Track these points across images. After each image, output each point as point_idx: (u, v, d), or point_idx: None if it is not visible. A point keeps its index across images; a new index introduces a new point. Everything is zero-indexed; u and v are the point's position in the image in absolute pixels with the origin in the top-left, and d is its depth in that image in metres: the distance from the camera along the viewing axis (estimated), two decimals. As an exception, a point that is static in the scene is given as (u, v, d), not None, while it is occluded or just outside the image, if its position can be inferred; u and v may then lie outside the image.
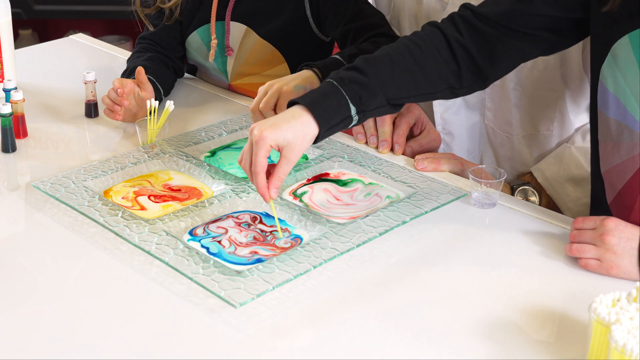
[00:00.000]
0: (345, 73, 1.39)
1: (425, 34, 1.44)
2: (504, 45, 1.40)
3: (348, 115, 1.37)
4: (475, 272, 1.32)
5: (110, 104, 1.74)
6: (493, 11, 1.40)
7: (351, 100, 1.37)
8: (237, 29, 1.90)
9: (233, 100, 1.94)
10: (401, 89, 1.40)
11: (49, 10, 3.54)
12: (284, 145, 1.33)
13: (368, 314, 1.23)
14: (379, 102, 1.39)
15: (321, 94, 1.37)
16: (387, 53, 1.42)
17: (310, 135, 1.35)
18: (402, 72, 1.40)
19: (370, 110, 1.39)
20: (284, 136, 1.32)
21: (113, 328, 1.20)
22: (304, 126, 1.34)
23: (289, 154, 1.33)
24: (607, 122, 1.35)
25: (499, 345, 1.16)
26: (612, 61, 1.31)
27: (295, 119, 1.34)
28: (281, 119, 1.34)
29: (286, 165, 1.34)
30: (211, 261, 1.30)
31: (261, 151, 1.32)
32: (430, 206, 1.47)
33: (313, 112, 1.34)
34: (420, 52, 1.41)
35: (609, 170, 1.38)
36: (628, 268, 1.28)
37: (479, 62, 1.41)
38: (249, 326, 1.20)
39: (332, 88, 1.37)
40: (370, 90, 1.38)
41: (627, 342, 1.03)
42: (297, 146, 1.34)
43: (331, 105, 1.36)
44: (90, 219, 1.43)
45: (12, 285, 1.30)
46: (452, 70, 1.42)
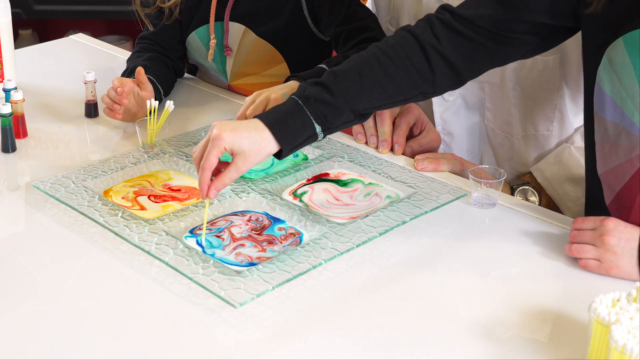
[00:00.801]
0: (311, 90, 1.37)
1: (396, 42, 1.40)
2: (485, 48, 1.38)
3: (313, 134, 1.37)
4: (475, 272, 1.32)
5: (110, 103, 1.74)
6: (475, 14, 1.37)
7: (316, 120, 1.36)
8: (236, 29, 1.90)
9: (233, 100, 1.94)
10: (371, 101, 1.39)
11: (49, 10, 3.55)
12: (238, 152, 1.32)
13: (368, 314, 1.23)
14: (346, 119, 1.38)
15: (285, 113, 1.36)
16: (355, 66, 1.39)
17: (267, 151, 1.34)
18: (371, 85, 1.38)
19: (336, 127, 1.39)
20: (240, 143, 1.32)
21: (113, 328, 1.20)
22: (263, 141, 1.33)
23: (240, 162, 1.33)
24: (605, 124, 1.34)
25: (499, 345, 1.16)
26: (607, 64, 1.31)
27: (256, 132, 1.33)
28: (244, 126, 1.34)
29: (235, 172, 1.33)
30: (211, 261, 1.30)
31: (214, 150, 1.32)
32: (430, 206, 1.47)
33: (274, 132, 1.33)
34: (390, 62, 1.39)
35: (606, 172, 1.37)
36: (628, 268, 1.28)
37: (457, 66, 1.39)
38: (249, 326, 1.20)
39: (296, 107, 1.36)
40: (336, 108, 1.37)
41: (627, 342, 1.03)
42: (251, 157, 1.33)
43: (295, 125, 1.35)
44: (90, 219, 1.43)
45: (12, 285, 1.30)
46: (426, 77, 1.39)
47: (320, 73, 1.70)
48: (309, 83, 1.39)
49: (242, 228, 1.41)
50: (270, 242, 1.37)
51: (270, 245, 1.37)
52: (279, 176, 1.56)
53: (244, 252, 1.35)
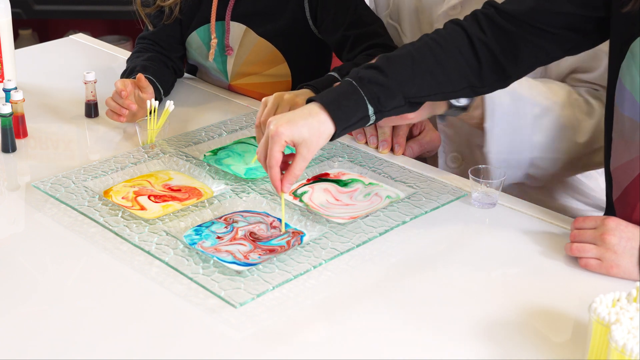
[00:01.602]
0: (364, 72, 1.39)
1: (447, 32, 1.43)
2: (527, 43, 1.40)
3: (365, 115, 1.38)
4: (475, 272, 1.32)
5: (118, 107, 1.73)
6: (517, 9, 1.40)
7: (369, 100, 1.37)
8: (237, 28, 1.90)
9: (233, 100, 1.94)
10: (422, 88, 1.40)
11: (49, 10, 3.54)
12: (300, 142, 1.34)
13: (368, 314, 1.23)
14: (398, 102, 1.39)
15: (340, 93, 1.37)
16: (408, 52, 1.42)
17: (327, 133, 1.35)
18: (423, 71, 1.40)
19: (388, 110, 1.40)
20: (300, 133, 1.33)
21: (113, 328, 1.20)
22: (321, 124, 1.34)
23: (304, 151, 1.34)
24: (622, 120, 1.35)
25: (499, 345, 1.16)
26: (630, 59, 1.31)
27: (312, 117, 1.35)
28: (298, 115, 1.35)
29: (302, 162, 1.35)
30: (211, 261, 1.30)
31: (276, 146, 1.33)
32: (430, 206, 1.47)
33: (330, 111, 1.35)
34: (441, 50, 1.41)
35: (617, 168, 1.37)
36: (628, 267, 1.28)
37: (501, 60, 1.41)
38: (249, 326, 1.20)
39: (350, 87, 1.37)
40: (389, 90, 1.38)
41: (627, 342, 1.03)
42: (313, 144, 1.34)
43: (349, 105, 1.36)
44: (90, 219, 1.43)
45: (12, 285, 1.30)
46: (474, 69, 1.41)
47: (330, 81, 1.70)
48: (361, 67, 1.41)
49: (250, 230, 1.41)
50: (270, 251, 1.37)
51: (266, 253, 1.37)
52: (279, 176, 1.56)
53: (234, 250, 1.35)
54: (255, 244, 1.37)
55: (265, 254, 1.34)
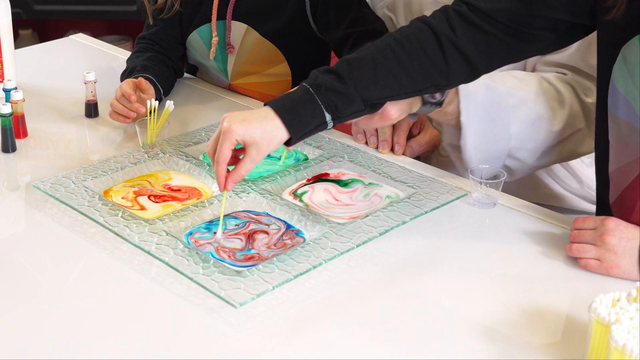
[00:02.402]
0: (322, 78, 1.36)
1: (411, 32, 1.40)
2: (501, 42, 1.37)
3: (322, 122, 1.36)
4: (475, 272, 1.32)
5: (126, 110, 1.73)
6: (493, 7, 1.37)
7: (326, 108, 1.35)
8: (238, 27, 1.90)
9: (233, 100, 1.94)
10: (383, 90, 1.38)
11: (49, 10, 3.54)
12: (250, 143, 1.32)
13: (368, 314, 1.23)
14: (357, 108, 1.37)
15: (295, 100, 1.35)
16: (370, 54, 1.39)
17: (279, 139, 1.34)
18: (385, 74, 1.37)
19: (347, 116, 1.38)
20: (252, 134, 1.32)
21: (113, 328, 1.20)
22: (274, 129, 1.33)
23: (253, 152, 1.33)
24: (618, 123, 1.34)
25: (498, 345, 1.16)
26: (622, 62, 1.30)
27: (266, 120, 1.33)
28: (253, 116, 1.34)
29: (249, 163, 1.34)
30: (211, 261, 1.30)
31: (226, 143, 1.32)
32: (430, 206, 1.47)
33: (284, 120, 1.33)
34: (404, 52, 1.38)
35: (615, 171, 1.37)
36: (628, 268, 1.28)
37: (472, 59, 1.38)
38: (249, 326, 1.20)
39: (307, 95, 1.35)
40: (347, 97, 1.36)
41: (627, 342, 1.03)
42: (263, 147, 1.33)
43: (306, 113, 1.34)
44: (90, 219, 1.43)
45: (12, 285, 1.30)
46: (440, 69, 1.38)
47: None
48: (320, 71, 1.38)
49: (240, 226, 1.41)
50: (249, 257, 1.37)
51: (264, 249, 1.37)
52: (279, 176, 1.56)
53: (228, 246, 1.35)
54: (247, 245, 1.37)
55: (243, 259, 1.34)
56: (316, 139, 1.69)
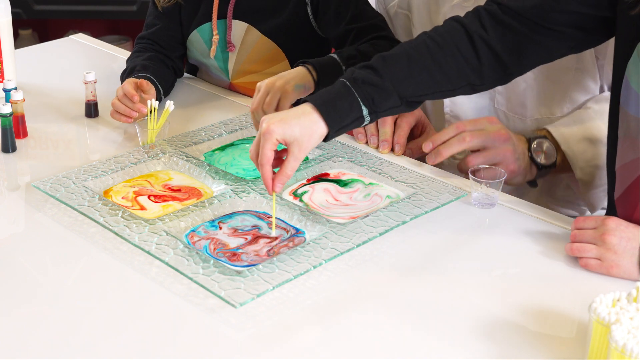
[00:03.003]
0: (359, 72, 1.38)
1: (445, 30, 1.42)
2: (531, 41, 1.39)
3: (360, 116, 1.37)
4: (475, 272, 1.32)
5: (128, 110, 1.73)
6: (521, 6, 1.39)
7: (363, 101, 1.36)
8: (238, 26, 1.90)
9: (233, 100, 1.94)
10: (419, 87, 1.39)
11: (49, 10, 3.54)
12: (291, 141, 1.33)
13: (368, 314, 1.23)
14: (393, 103, 1.39)
15: (333, 94, 1.37)
16: (404, 51, 1.41)
17: (319, 133, 1.35)
18: (419, 70, 1.39)
19: (383, 110, 1.39)
20: (292, 132, 1.33)
21: (113, 328, 1.20)
22: (313, 124, 1.34)
23: (295, 150, 1.34)
24: (627, 119, 1.34)
25: (499, 345, 1.16)
26: (637, 58, 1.31)
27: (304, 116, 1.34)
28: (291, 114, 1.35)
29: (293, 161, 1.35)
30: (211, 261, 1.30)
31: (267, 144, 1.33)
32: (430, 206, 1.47)
33: (322, 112, 1.34)
34: (439, 49, 1.40)
35: (621, 166, 1.37)
36: (628, 268, 1.28)
37: (503, 58, 1.40)
38: (249, 326, 1.20)
39: (344, 88, 1.37)
40: (383, 91, 1.37)
41: (627, 342, 1.03)
42: (304, 143, 1.34)
43: (343, 106, 1.36)
44: (90, 219, 1.43)
45: (12, 285, 1.30)
46: (473, 67, 1.40)
47: (330, 62, 1.71)
48: (356, 67, 1.40)
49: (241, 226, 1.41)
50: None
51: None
52: (279, 176, 1.56)
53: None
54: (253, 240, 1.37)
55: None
56: (316, 139, 1.69)
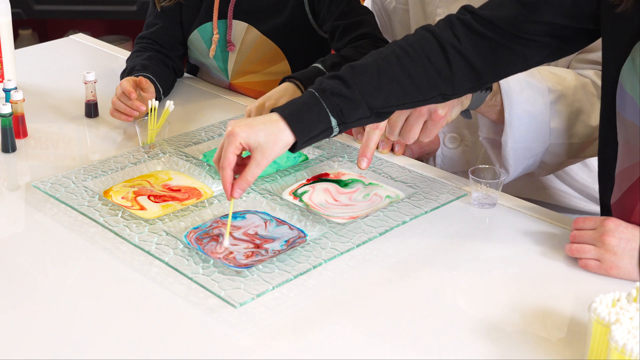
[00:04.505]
0: (328, 83, 1.35)
1: (416, 40, 1.39)
2: (505, 50, 1.37)
3: (328, 127, 1.34)
4: (475, 272, 1.32)
5: (128, 109, 1.73)
6: (496, 15, 1.36)
7: (332, 112, 1.33)
8: (239, 26, 1.90)
9: (233, 100, 1.94)
10: (388, 98, 1.36)
11: (49, 10, 3.54)
12: (255, 147, 1.31)
13: (368, 314, 1.23)
14: (362, 114, 1.35)
15: (301, 105, 1.34)
16: (374, 61, 1.37)
17: (284, 142, 1.31)
18: (389, 81, 1.36)
19: (352, 121, 1.36)
20: (256, 137, 1.30)
21: (113, 328, 1.20)
22: (279, 132, 1.31)
23: (258, 156, 1.31)
24: (625, 125, 1.33)
25: (499, 345, 1.16)
26: (630, 64, 1.30)
27: (271, 123, 1.31)
28: (258, 120, 1.32)
29: (255, 168, 1.31)
30: (211, 261, 1.30)
31: (230, 147, 1.30)
32: (430, 206, 1.47)
33: (290, 123, 1.31)
34: (409, 59, 1.37)
35: (620, 172, 1.37)
36: (628, 269, 1.28)
37: (477, 67, 1.37)
38: (249, 326, 1.20)
39: (313, 99, 1.34)
40: (352, 102, 1.34)
41: (627, 342, 1.03)
42: (268, 150, 1.30)
43: (311, 117, 1.33)
44: (90, 219, 1.43)
45: (12, 285, 1.30)
46: (445, 77, 1.37)
47: (315, 73, 1.71)
48: (325, 77, 1.37)
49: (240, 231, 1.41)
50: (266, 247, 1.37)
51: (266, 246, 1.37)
52: (279, 176, 1.56)
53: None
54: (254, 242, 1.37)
55: None
56: (316, 139, 1.69)
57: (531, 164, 1.62)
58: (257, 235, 1.39)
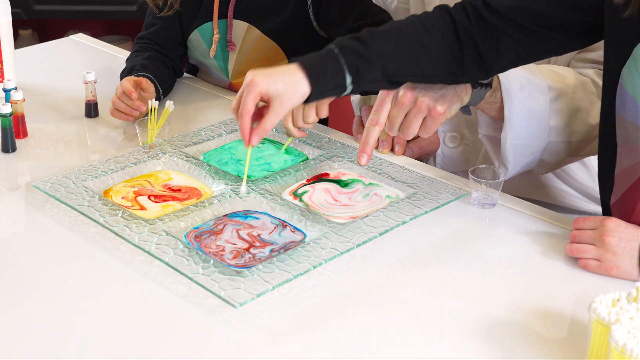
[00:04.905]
0: (347, 42, 1.39)
1: (433, 16, 1.43)
2: (508, 38, 1.39)
3: (342, 84, 1.37)
4: (475, 272, 1.32)
5: (128, 109, 1.73)
6: (501, 4, 1.39)
7: (348, 69, 1.36)
8: (239, 26, 1.90)
9: (233, 100, 1.93)
10: (402, 66, 1.39)
11: (49, 10, 3.54)
12: (274, 96, 1.33)
13: (368, 314, 1.23)
14: (376, 77, 1.38)
15: (320, 58, 1.37)
16: (394, 29, 1.41)
17: (301, 92, 1.34)
18: (405, 50, 1.39)
19: (366, 82, 1.39)
20: (275, 87, 1.33)
21: (113, 328, 1.20)
22: (297, 82, 1.34)
23: (277, 106, 1.33)
24: (626, 126, 1.33)
25: (499, 345, 1.16)
26: (632, 63, 1.30)
27: (289, 74, 1.35)
28: (277, 70, 1.35)
29: (273, 116, 1.34)
30: (211, 261, 1.30)
31: (250, 95, 1.33)
32: (430, 206, 1.47)
33: (308, 73, 1.34)
34: (426, 33, 1.40)
35: (620, 172, 1.37)
36: (628, 268, 1.28)
37: (483, 52, 1.40)
38: (249, 326, 1.20)
39: (331, 54, 1.37)
40: (369, 63, 1.37)
41: (627, 342, 1.03)
42: (286, 99, 1.33)
43: (328, 70, 1.36)
44: (90, 219, 1.43)
45: (12, 285, 1.30)
46: (455, 55, 1.40)
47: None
48: (345, 37, 1.40)
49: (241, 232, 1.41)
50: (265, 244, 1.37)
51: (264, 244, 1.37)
52: (279, 176, 1.56)
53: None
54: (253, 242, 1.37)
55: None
56: (316, 139, 1.69)
57: (530, 162, 1.63)
58: (258, 238, 1.39)
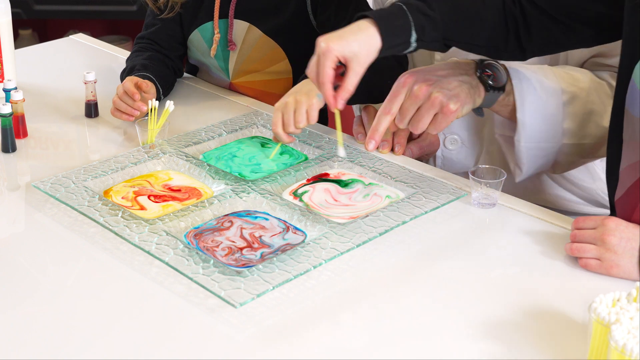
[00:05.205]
0: (414, 2, 1.42)
1: None
2: (539, 25, 1.44)
3: (407, 40, 1.40)
4: (475, 272, 1.32)
5: (129, 109, 1.74)
6: None
7: (415, 26, 1.40)
8: (240, 26, 1.90)
9: (233, 100, 1.94)
10: (459, 32, 1.44)
11: (49, 10, 3.54)
12: (351, 58, 1.36)
13: (368, 314, 1.23)
14: (437, 37, 1.43)
15: (389, 12, 1.40)
16: None
17: (375, 48, 1.37)
18: (463, 15, 1.44)
19: (428, 42, 1.42)
20: (350, 48, 1.36)
21: (113, 328, 1.20)
22: (370, 39, 1.37)
23: (355, 66, 1.36)
24: (633, 122, 1.34)
25: (499, 345, 1.16)
26: None
27: (361, 32, 1.37)
28: (348, 31, 1.38)
29: (354, 77, 1.37)
30: (211, 261, 1.30)
31: (327, 62, 1.36)
32: (430, 206, 1.47)
33: (380, 26, 1.37)
34: (483, 5, 1.45)
35: (625, 169, 1.37)
36: (628, 268, 1.28)
37: (521, 34, 1.46)
38: (249, 326, 1.20)
39: (400, 11, 1.40)
40: (434, 23, 1.41)
41: (627, 342, 1.03)
42: (363, 58, 1.36)
43: (397, 25, 1.39)
44: (90, 219, 1.43)
45: (12, 285, 1.30)
46: (502, 31, 1.46)
47: None
48: None
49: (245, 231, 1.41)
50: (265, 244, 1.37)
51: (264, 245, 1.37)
52: (279, 176, 1.56)
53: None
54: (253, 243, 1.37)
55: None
56: (316, 139, 1.69)
57: (544, 163, 1.63)
58: (259, 239, 1.39)
